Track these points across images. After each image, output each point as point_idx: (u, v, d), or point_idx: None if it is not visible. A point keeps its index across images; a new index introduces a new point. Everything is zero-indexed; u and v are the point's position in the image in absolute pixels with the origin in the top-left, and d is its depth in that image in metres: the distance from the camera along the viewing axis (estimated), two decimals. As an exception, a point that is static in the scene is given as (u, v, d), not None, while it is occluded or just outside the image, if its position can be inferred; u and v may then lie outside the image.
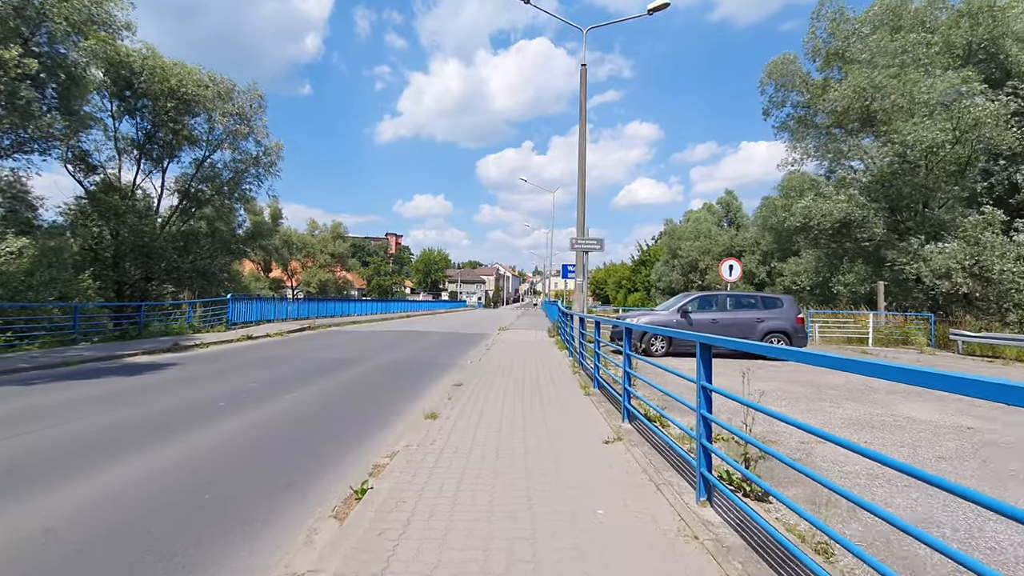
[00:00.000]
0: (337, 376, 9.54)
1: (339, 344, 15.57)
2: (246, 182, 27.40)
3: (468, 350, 14.49)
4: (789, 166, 27.92)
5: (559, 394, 7.70)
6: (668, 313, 13.30)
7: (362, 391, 8.20)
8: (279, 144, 28.10)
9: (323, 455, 4.98)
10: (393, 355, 12.95)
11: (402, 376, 9.84)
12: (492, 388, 8.01)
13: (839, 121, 23.32)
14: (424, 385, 8.80)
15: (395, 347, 14.94)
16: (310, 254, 50.29)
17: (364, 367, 10.81)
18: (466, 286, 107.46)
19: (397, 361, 11.85)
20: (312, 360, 11.73)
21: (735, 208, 57.28)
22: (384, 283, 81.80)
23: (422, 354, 13.39)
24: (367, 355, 12.80)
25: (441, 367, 11.09)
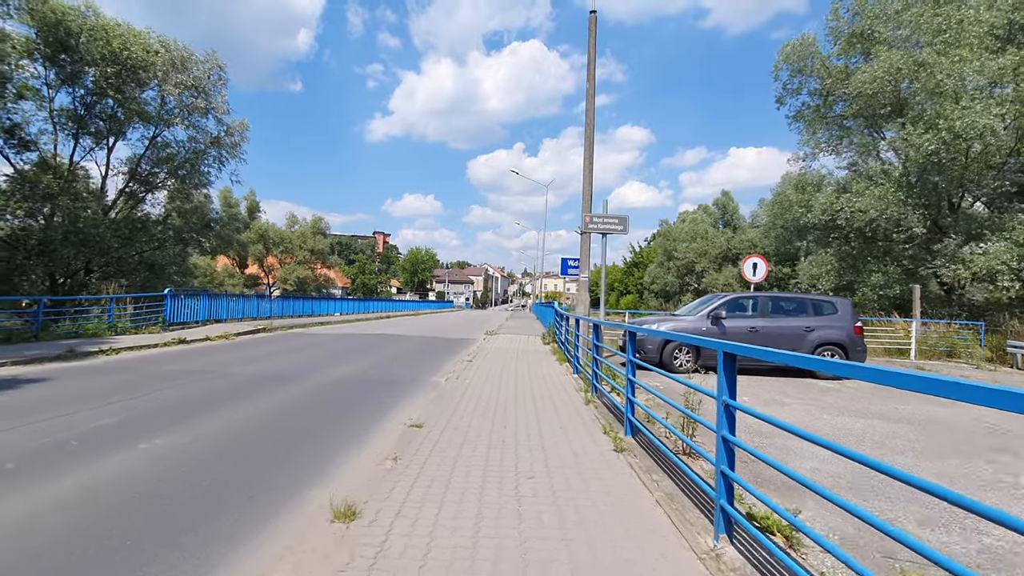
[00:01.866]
0: (243, 407, 6.57)
1: (285, 352, 12.56)
2: (204, 164, 24.22)
3: (445, 361, 11.56)
4: (800, 161, 25.43)
5: (575, 448, 4.81)
6: (696, 319, 10.48)
7: (256, 442, 5.22)
8: (243, 123, 24.99)
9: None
10: (345, 368, 9.98)
11: (342, 406, 6.89)
12: (468, 436, 5.11)
13: (864, 108, 20.73)
14: (367, 425, 5.86)
15: (355, 357, 11.97)
16: (288, 250, 46.96)
17: (294, 389, 7.84)
18: (454, 286, 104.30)
19: (346, 379, 8.89)
20: (231, 377, 8.73)
21: (732, 209, 54.95)
22: (369, 282, 78.51)
23: (386, 368, 10.44)
24: (311, 369, 9.82)
25: (402, 389, 8.15)
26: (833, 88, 21.99)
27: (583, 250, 11.06)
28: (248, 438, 5.17)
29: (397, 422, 5.77)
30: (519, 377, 8.96)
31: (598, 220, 7.85)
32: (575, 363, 9.21)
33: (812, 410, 7.40)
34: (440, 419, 5.69)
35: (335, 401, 7.09)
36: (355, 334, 18.13)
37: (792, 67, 23.73)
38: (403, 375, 9.36)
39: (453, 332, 21.09)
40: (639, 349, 10.48)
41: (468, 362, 10.71)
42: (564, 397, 7.24)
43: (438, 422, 5.54)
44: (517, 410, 6.29)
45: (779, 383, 9.69)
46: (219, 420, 5.80)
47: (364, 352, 12.77)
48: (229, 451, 4.74)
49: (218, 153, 24.66)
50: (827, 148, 24.85)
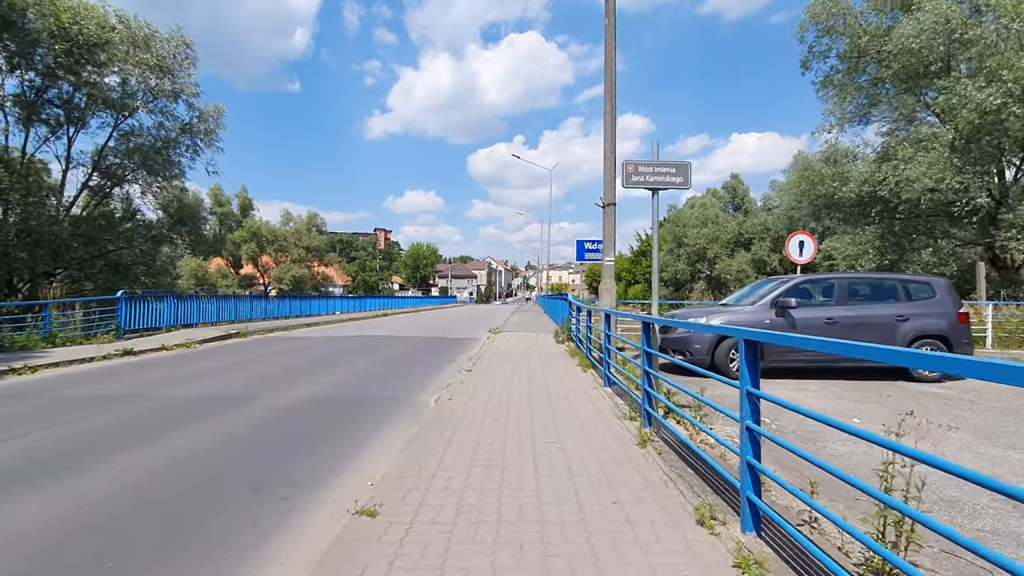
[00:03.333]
0: (116, 464, 4.26)
1: (246, 364, 10.28)
2: (175, 154, 21.93)
3: (439, 370, 9.26)
4: (826, 132, 22.91)
5: (657, 565, 2.46)
6: (755, 310, 8.13)
7: (127, 526, 2.93)
8: (218, 108, 22.66)
9: None
10: (308, 386, 7.68)
11: (268, 459, 4.58)
12: (455, 537, 2.77)
13: (905, 68, 18.21)
14: (283, 512, 3.55)
15: (327, 367, 9.67)
16: (282, 248, 44.70)
17: (216, 426, 5.53)
18: (457, 281, 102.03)
19: (301, 404, 6.59)
20: (149, 403, 6.44)
21: (742, 193, 52.38)
22: (370, 279, 76.36)
23: (361, 383, 8.13)
24: (263, 388, 7.52)
25: (372, 419, 5.84)
26: (867, 48, 19.46)
27: (606, 228, 8.73)
28: (74, 538, 2.87)
29: (339, 502, 3.45)
30: (533, 394, 6.64)
31: (646, 170, 5.43)
32: (606, 372, 6.89)
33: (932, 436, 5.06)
34: (412, 492, 3.38)
35: (263, 449, 4.79)
36: (343, 336, 15.84)
37: (820, 26, 21.16)
38: (380, 394, 7.05)
39: (453, 330, 18.78)
40: (681, 349, 8.16)
41: (467, 372, 8.39)
42: (603, 431, 4.92)
43: (407, 500, 3.23)
44: (537, 463, 3.98)
45: (857, 388, 7.35)
46: (56, 495, 3.50)
47: (341, 360, 10.47)
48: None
49: (191, 141, 22.40)
50: (855, 117, 22.43)
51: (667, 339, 8.49)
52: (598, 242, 11.52)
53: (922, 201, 16.54)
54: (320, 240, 46.43)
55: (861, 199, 20.07)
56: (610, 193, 8.66)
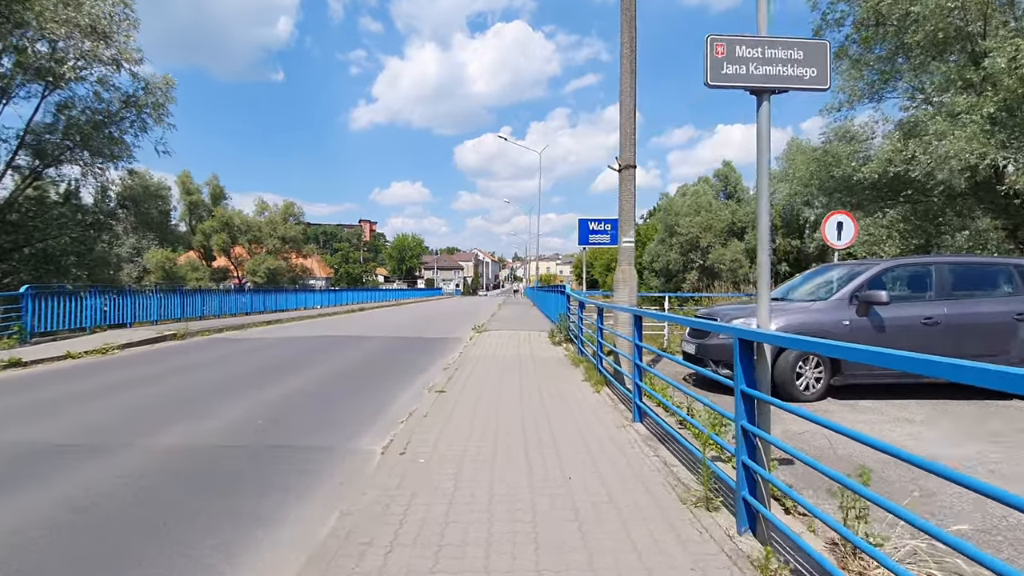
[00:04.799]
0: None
1: (150, 381, 7.91)
2: (119, 130, 19.24)
3: (402, 390, 6.98)
4: (835, 111, 20.90)
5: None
6: (828, 308, 5.97)
7: None
8: (168, 80, 19.95)
9: None
10: (209, 422, 5.35)
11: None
12: None
13: (935, 33, 16.14)
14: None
15: (260, 385, 7.32)
16: (256, 239, 41.88)
17: (42, 499, 3.20)
18: (443, 273, 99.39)
19: (180, 457, 4.28)
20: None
21: (734, 180, 50.50)
22: (354, 271, 73.58)
23: (287, 415, 5.82)
24: (146, 423, 5.19)
25: (273, 494, 3.54)
26: (889, 12, 17.35)
27: (623, 199, 6.50)
28: None
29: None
30: (532, 438, 4.39)
31: (751, 54, 2.91)
32: (637, 403, 4.67)
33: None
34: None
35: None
36: (302, 337, 13.47)
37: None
38: (302, 440, 4.73)
39: (433, 327, 16.48)
40: (728, 360, 5.97)
41: (438, 393, 6.12)
42: (666, 538, 2.69)
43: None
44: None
45: (949, 410, 5.25)
46: None
47: (283, 373, 8.12)
48: None
49: (137, 116, 19.70)
50: (867, 94, 20.43)
51: (705, 347, 6.31)
52: (607, 221, 9.29)
53: (961, 180, 14.54)
54: (297, 230, 43.64)
55: (882, 180, 18.07)
56: (628, 151, 6.41)
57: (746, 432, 2.64)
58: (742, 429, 2.65)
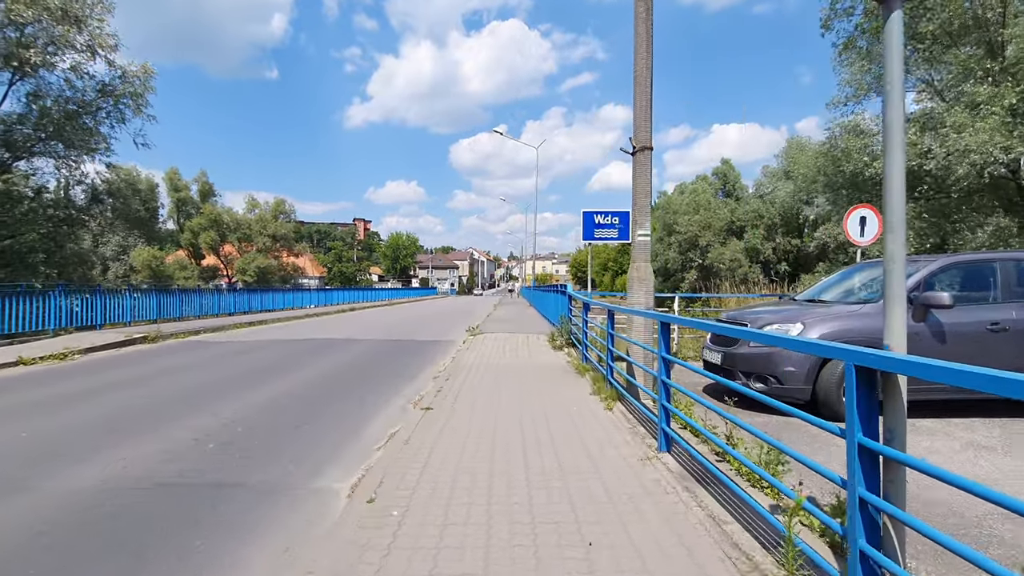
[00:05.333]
0: None
1: (102, 392, 6.98)
2: (94, 121, 18.25)
3: (383, 407, 6.10)
4: (841, 105, 20.19)
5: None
6: (877, 311, 5.12)
7: None
8: (147, 68, 18.96)
9: None
10: (151, 446, 4.45)
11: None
12: None
13: (951, 21, 15.39)
14: None
15: (223, 398, 6.41)
16: (246, 236, 40.80)
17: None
18: (438, 272, 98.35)
19: (97, 501, 3.38)
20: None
21: (733, 179, 49.79)
22: (347, 270, 72.51)
23: (246, 441, 4.93)
24: (65, 454, 4.28)
25: (193, 562, 2.65)
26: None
27: (638, 185, 5.62)
28: None
29: None
30: (535, 475, 3.52)
31: None
32: (664, 428, 3.79)
33: None
34: None
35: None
36: (284, 340, 12.54)
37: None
38: (258, 477, 3.83)
39: (425, 329, 15.58)
40: (761, 373, 5.14)
41: (424, 411, 5.24)
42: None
43: None
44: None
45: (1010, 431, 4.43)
46: None
47: (251, 384, 7.21)
48: None
49: (114, 107, 18.70)
50: (875, 88, 19.73)
51: (733, 356, 5.45)
52: (615, 214, 8.39)
53: (984, 175, 13.78)
54: (288, 228, 42.58)
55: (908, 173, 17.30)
56: (644, 131, 5.54)
57: (865, 505, 1.81)
58: (860, 501, 1.81)
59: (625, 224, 8.37)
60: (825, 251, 37.83)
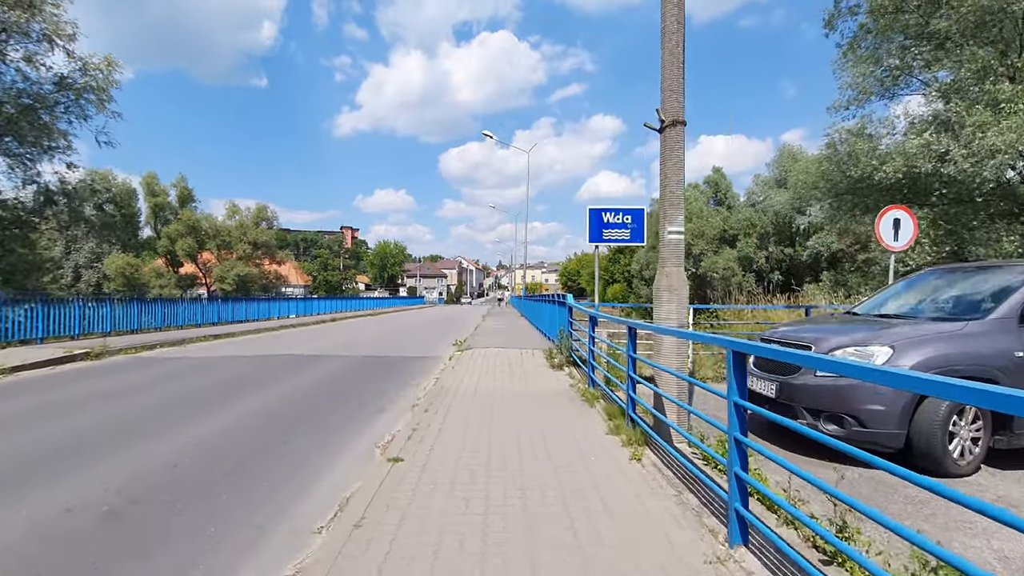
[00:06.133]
0: None
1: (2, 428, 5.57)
2: (46, 115, 16.79)
3: (337, 455, 4.78)
4: (843, 108, 19.34)
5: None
6: (983, 330, 3.91)
7: None
8: (109, 60, 17.55)
9: None
10: None
11: None
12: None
13: (969, 14, 14.49)
14: None
15: (127, 441, 5.03)
16: (226, 244, 39.14)
17: None
18: (426, 281, 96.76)
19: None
20: None
21: (724, 187, 49.11)
22: (333, 279, 70.77)
23: (113, 522, 3.57)
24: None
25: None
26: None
27: (668, 169, 4.40)
28: None
29: None
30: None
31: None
32: (736, 509, 2.51)
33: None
34: None
35: None
36: (247, 356, 11.12)
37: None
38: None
39: (407, 343, 14.22)
40: (834, 412, 3.90)
41: (392, 465, 3.91)
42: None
43: None
44: None
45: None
46: None
47: (179, 418, 5.82)
48: None
49: (74, 102, 17.25)
50: (878, 91, 18.94)
51: (793, 388, 4.21)
52: (627, 212, 7.09)
53: (1007, 179, 12.83)
54: (270, 235, 41.00)
55: (904, 180, 16.39)
56: (674, 100, 4.33)
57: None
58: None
59: (639, 223, 7.13)
60: (818, 260, 37.07)
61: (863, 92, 18.71)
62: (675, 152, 4.41)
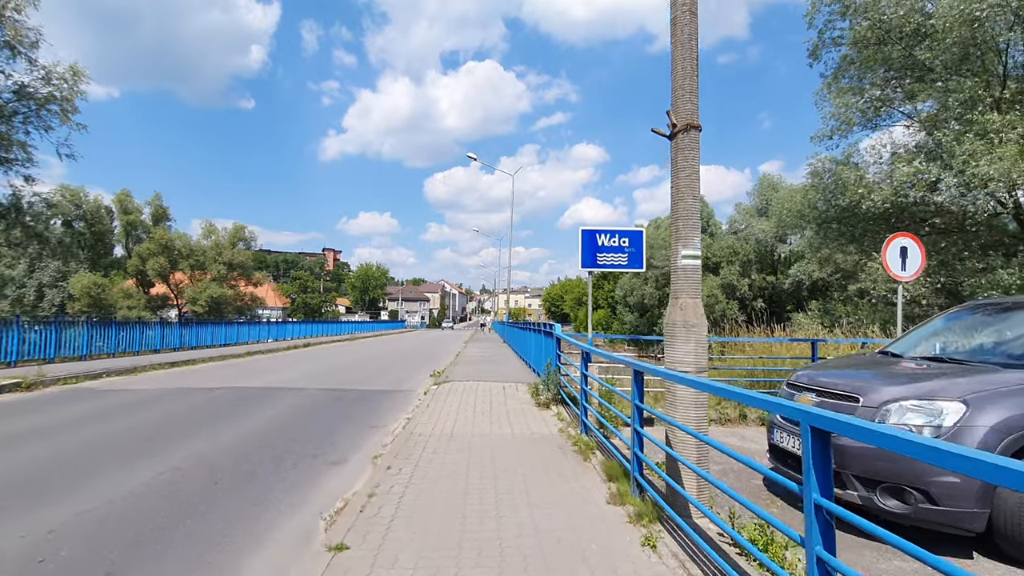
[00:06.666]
0: None
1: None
2: (10, 128, 15.74)
3: (251, 552, 3.78)
4: (827, 138, 19.20)
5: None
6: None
7: None
8: (76, 71, 16.64)
9: None
10: None
11: None
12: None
13: (952, 47, 14.37)
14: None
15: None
16: (199, 264, 37.67)
17: None
18: (408, 304, 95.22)
19: None
20: None
21: (706, 215, 49.29)
22: (312, 302, 69.03)
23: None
24: None
25: None
26: (902, 25, 15.61)
27: (681, 181, 3.63)
28: None
29: None
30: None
31: None
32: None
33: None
34: None
35: None
36: (196, 389, 9.99)
37: (835, 6, 17.47)
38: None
39: (380, 373, 13.18)
40: (896, 485, 3.05)
41: (334, 552, 2.97)
42: None
43: None
44: None
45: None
46: None
47: (77, 477, 4.78)
48: None
49: (34, 112, 16.23)
50: (860, 122, 18.89)
51: (842, 451, 3.38)
52: (624, 234, 6.25)
53: (996, 208, 12.49)
54: (246, 255, 39.65)
55: (892, 209, 16.09)
56: (688, 100, 3.61)
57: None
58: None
59: (638, 247, 6.36)
60: (800, 288, 36.97)
61: (846, 122, 18.60)
62: (689, 161, 3.65)
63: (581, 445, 5.26)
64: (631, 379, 3.78)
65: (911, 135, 17.59)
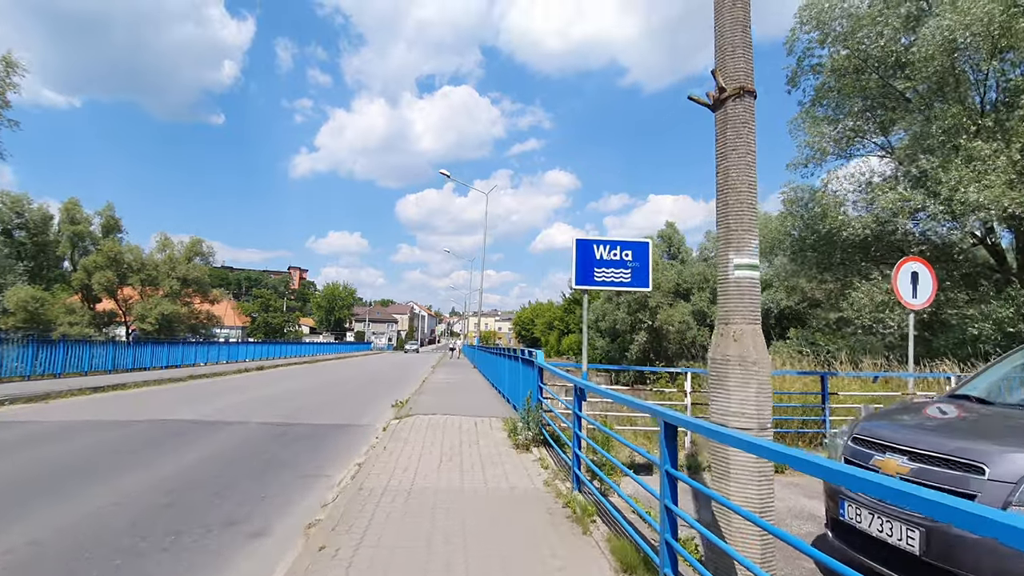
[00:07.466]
0: None
1: None
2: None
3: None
4: (801, 166, 19.09)
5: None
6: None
7: None
8: (9, 60, 15.09)
9: None
10: None
11: None
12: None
13: (938, 72, 14.22)
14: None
15: None
16: (151, 279, 35.24)
17: None
18: (376, 326, 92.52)
19: None
20: None
21: (677, 242, 49.47)
22: (274, 321, 66.17)
23: None
24: None
25: None
26: (883, 55, 15.50)
27: (730, 163, 2.69)
28: None
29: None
30: None
31: None
32: None
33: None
34: None
35: None
36: (107, 422, 8.43)
37: (816, 32, 17.36)
38: None
39: (335, 403, 11.75)
40: None
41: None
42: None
43: None
44: None
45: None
46: None
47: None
48: None
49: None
50: (834, 151, 18.88)
51: (961, 544, 2.35)
52: (628, 246, 5.21)
53: (992, 236, 12.13)
54: (203, 271, 37.37)
55: (872, 237, 15.75)
56: (739, 58, 2.64)
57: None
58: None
59: (643, 261, 5.35)
60: (767, 316, 36.91)
61: (820, 151, 18.47)
62: (743, 137, 2.67)
63: (576, 508, 4.13)
64: (659, 433, 2.69)
65: (886, 163, 17.48)
